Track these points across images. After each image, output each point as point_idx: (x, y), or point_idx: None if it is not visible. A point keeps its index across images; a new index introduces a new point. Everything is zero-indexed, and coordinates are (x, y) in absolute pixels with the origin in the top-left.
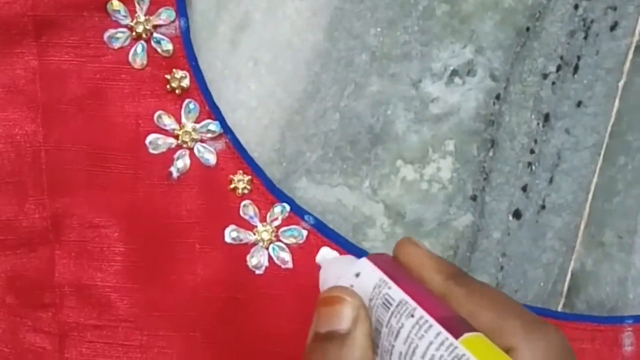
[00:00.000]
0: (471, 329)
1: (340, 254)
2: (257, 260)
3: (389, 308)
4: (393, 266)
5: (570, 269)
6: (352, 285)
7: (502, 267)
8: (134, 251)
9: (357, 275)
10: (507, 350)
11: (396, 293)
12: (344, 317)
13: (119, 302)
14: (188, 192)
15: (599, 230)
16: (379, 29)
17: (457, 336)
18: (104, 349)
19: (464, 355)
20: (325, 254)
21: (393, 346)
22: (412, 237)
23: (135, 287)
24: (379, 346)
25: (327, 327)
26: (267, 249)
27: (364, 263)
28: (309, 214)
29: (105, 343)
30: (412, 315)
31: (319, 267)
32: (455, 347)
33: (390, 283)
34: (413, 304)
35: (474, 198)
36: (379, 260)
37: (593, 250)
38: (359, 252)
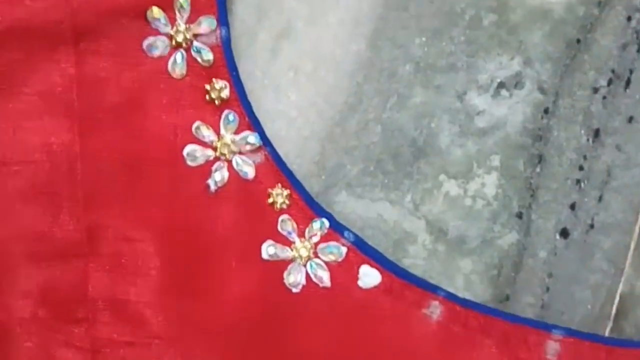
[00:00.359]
0: None
1: (380, 272)
2: (294, 278)
3: None
4: None
5: (618, 291)
6: None
7: (548, 288)
8: (170, 266)
9: None
10: None
11: None
12: None
13: (154, 318)
14: (225, 206)
15: None
16: (423, 39)
17: None
18: None
19: None
20: None
21: None
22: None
23: (170, 304)
24: None
25: None
26: (305, 266)
27: None
28: (348, 230)
29: None
30: None
31: None
32: None
33: None
34: None
35: (519, 215)
36: None
37: None
38: (399, 271)
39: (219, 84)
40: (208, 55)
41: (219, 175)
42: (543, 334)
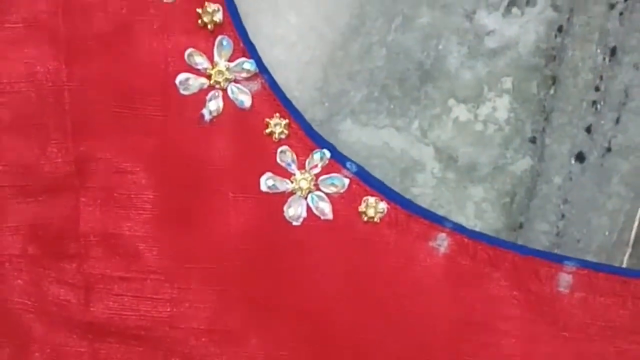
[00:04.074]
0: None
1: (385, 203)
2: (294, 210)
3: None
4: None
5: (637, 216)
6: None
7: (563, 215)
8: (164, 199)
9: None
10: None
11: None
12: None
13: (148, 252)
14: (221, 136)
15: None
16: None
17: None
18: (131, 302)
19: None
20: None
21: None
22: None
23: (165, 237)
24: None
25: None
26: (306, 198)
27: None
28: (351, 161)
29: (133, 296)
30: None
31: None
32: None
33: None
34: None
35: (533, 140)
36: None
37: None
38: (404, 202)
39: (211, 7)
40: None
41: (214, 105)
42: (555, 265)
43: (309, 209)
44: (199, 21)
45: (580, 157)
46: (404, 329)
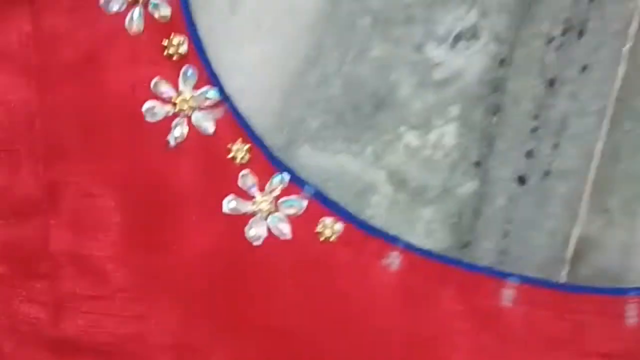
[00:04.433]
0: None
1: (340, 224)
2: (255, 231)
3: None
4: None
5: (574, 236)
6: None
7: (506, 234)
8: (131, 221)
9: None
10: None
11: None
12: None
13: (116, 272)
14: (185, 161)
15: (603, 197)
16: None
17: None
18: (100, 320)
19: None
20: None
21: None
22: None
23: (132, 257)
24: None
25: None
26: (266, 219)
27: None
28: (309, 184)
29: (101, 314)
30: None
31: None
32: None
33: None
34: None
35: (478, 164)
36: None
37: (597, 216)
38: (359, 222)
39: (177, 39)
40: (165, 11)
41: (179, 131)
42: (499, 281)
43: (269, 229)
44: (165, 52)
45: (521, 180)
46: (360, 343)
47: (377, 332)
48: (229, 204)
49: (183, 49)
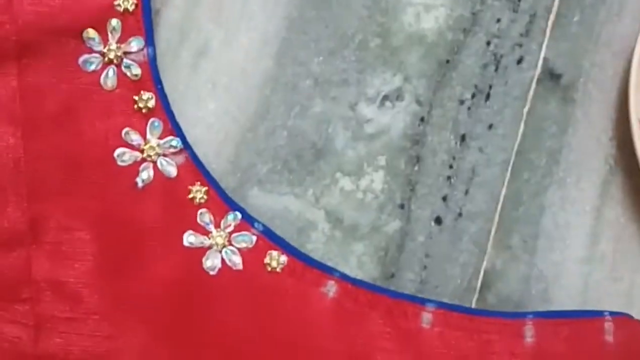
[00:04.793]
0: None
1: (285, 256)
2: (211, 262)
3: None
4: None
5: (482, 268)
6: None
7: (425, 267)
8: (104, 252)
9: None
10: None
11: None
12: None
13: (89, 297)
14: (151, 200)
15: (507, 235)
16: (321, 58)
17: None
18: (75, 339)
19: None
20: None
21: None
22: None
23: (104, 284)
24: None
25: None
26: (221, 252)
27: None
28: (258, 221)
29: (76, 334)
30: None
31: None
32: None
33: None
34: None
35: (402, 206)
36: None
37: (502, 252)
38: (301, 255)
39: (145, 95)
40: (137, 70)
41: (146, 174)
42: (419, 306)
43: (223, 261)
44: (135, 106)
45: (438, 220)
46: None
47: (317, 352)
48: (188, 238)
49: (151, 103)
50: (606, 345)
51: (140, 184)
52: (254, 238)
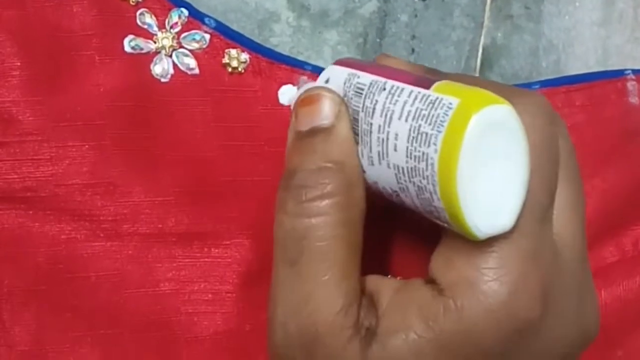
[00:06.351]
0: (441, 78)
1: (247, 53)
2: (161, 68)
3: (361, 94)
4: (360, 62)
5: (481, 44)
6: None
7: (413, 50)
8: (31, 64)
9: (327, 81)
10: None
11: (365, 78)
12: (326, 113)
13: (21, 115)
14: (79, 5)
15: (505, 3)
16: None
17: (428, 87)
18: (13, 165)
19: (437, 98)
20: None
21: (371, 124)
22: (389, 53)
23: (36, 100)
24: (358, 134)
25: (310, 124)
26: (171, 56)
27: (331, 68)
28: (209, 16)
29: (15, 160)
30: (384, 89)
31: (292, 106)
32: (429, 96)
33: (359, 72)
34: (383, 79)
35: None
36: (345, 62)
37: (502, 23)
38: (265, 51)
39: None
40: None
41: None
42: None
43: (175, 65)
44: None
45: None
46: (273, 167)
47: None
48: (130, 43)
49: None
50: (631, 109)
51: None
52: (207, 36)
